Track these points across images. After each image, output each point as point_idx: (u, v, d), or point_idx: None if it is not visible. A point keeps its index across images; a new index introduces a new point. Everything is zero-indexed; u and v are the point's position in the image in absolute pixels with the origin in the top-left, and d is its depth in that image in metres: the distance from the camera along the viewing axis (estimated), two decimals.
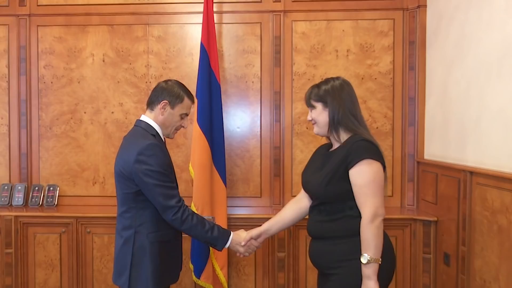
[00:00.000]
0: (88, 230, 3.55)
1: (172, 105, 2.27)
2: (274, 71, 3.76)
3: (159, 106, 2.27)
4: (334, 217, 2.04)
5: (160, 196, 2.12)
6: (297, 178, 3.77)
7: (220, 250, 2.28)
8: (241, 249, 2.37)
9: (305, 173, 2.28)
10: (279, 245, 3.46)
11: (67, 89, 3.87)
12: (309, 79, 3.75)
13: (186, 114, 2.34)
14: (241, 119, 3.82)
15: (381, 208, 1.96)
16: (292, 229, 3.43)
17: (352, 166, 1.96)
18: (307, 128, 3.76)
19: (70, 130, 3.87)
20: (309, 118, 2.20)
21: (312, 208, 2.18)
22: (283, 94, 3.77)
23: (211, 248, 3.36)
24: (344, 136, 2.10)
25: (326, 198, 2.07)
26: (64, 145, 3.88)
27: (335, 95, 2.09)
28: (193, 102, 2.36)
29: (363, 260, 1.93)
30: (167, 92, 2.28)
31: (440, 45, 3.38)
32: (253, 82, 3.80)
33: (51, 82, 3.88)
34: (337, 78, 2.17)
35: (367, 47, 3.73)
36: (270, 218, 3.43)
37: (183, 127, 2.36)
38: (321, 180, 2.06)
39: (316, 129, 2.19)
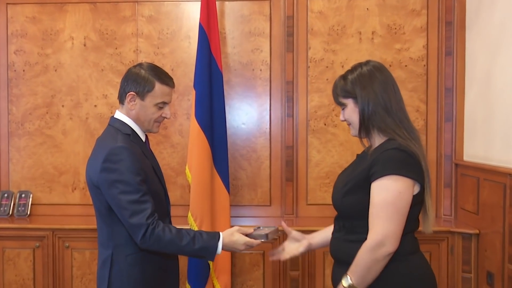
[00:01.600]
0: (67, 244, 3.58)
1: (142, 96, 2.19)
2: (285, 57, 3.80)
3: (127, 99, 2.20)
4: (353, 237, 1.97)
5: (126, 211, 2.05)
6: (313, 183, 3.81)
7: (212, 260, 2.20)
8: (253, 243, 2.20)
9: (339, 175, 2.21)
10: (292, 263, 3.48)
11: (42, 79, 3.91)
12: (327, 67, 3.79)
13: (165, 103, 2.23)
14: (247, 114, 3.86)
15: (392, 239, 1.85)
16: None
17: (374, 180, 1.89)
18: (324, 124, 3.80)
19: (45, 126, 3.92)
20: (341, 118, 2.09)
21: (334, 221, 2.15)
22: (296, 84, 3.80)
23: (211, 265, 3.40)
24: (378, 139, 2.00)
25: (343, 211, 2.04)
26: (38, 144, 3.93)
27: (363, 85, 1.97)
28: (170, 86, 2.24)
29: (344, 282, 1.90)
30: (132, 81, 2.19)
31: (483, 26, 3.41)
32: (261, 70, 3.84)
33: (23, 70, 3.92)
34: (367, 62, 2.05)
35: (395, 28, 3.76)
36: (281, 230, 3.52)
37: (166, 117, 2.27)
38: (341, 187, 2.04)
39: (352, 131, 2.09)
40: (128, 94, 2.19)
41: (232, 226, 3.46)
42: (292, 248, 2.33)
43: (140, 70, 2.21)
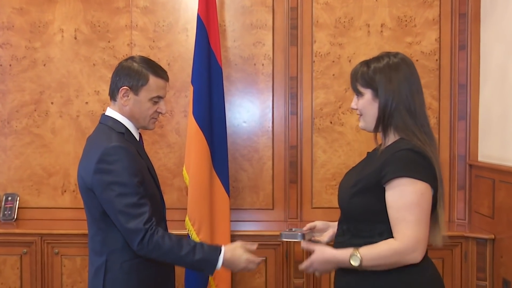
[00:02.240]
0: (56, 250, 3.57)
1: (135, 90, 2.18)
2: (289, 51, 3.80)
3: (120, 94, 2.20)
4: (358, 242, 1.96)
5: (122, 214, 2.04)
6: (319, 185, 3.82)
7: (211, 274, 2.18)
8: (255, 260, 2.22)
9: (346, 173, 2.20)
10: (295, 270, 3.48)
11: (30, 74, 3.90)
12: (333, 61, 3.79)
13: (160, 97, 2.23)
14: (248, 112, 3.87)
15: (423, 245, 1.85)
16: None
17: (386, 182, 1.88)
18: (331, 122, 3.80)
19: (33, 125, 3.91)
20: (353, 106, 2.06)
21: (338, 224, 2.15)
22: (300, 80, 3.81)
23: None
24: (392, 138, 1.99)
25: (349, 213, 2.04)
26: (26, 144, 3.91)
27: (389, 79, 1.94)
28: (164, 78, 2.25)
29: (354, 262, 1.88)
30: (125, 75, 2.19)
31: (499, 18, 3.40)
32: (263, 64, 3.84)
33: (10, 65, 3.91)
34: (396, 54, 2.00)
35: (406, 21, 3.77)
36: None
37: (161, 113, 2.27)
38: (348, 188, 2.03)
39: (362, 123, 2.06)
40: (121, 89, 2.19)
41: (232, 232, 3.50)
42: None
43: (133, 63, 2.21)
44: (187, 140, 3.47)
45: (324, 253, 2.00)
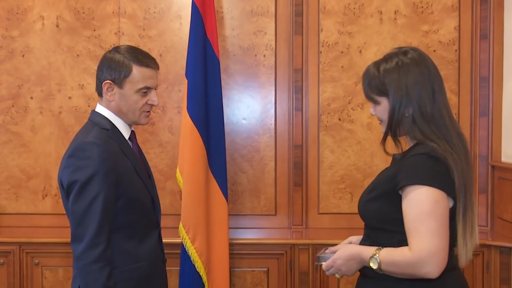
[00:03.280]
0: (36, 261, 3.55)
1: (119, 83, 2.20)
2: (294, 40, 3.78)
3: (104, 89, 2.22)
4: None
5: (74, 216, 2.07)
6: (326, 189, 3.80)
7: None
8: None
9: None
10: (301, 281, 3.47)
11: (7, 66, 3.86)
12: (342, 52, 3.77)
13: (148, 87, 2.23)
14: (248, 107, 3.85)
15: (438, 257, 1.81)
16: None
17: (400, 189, 1.89)
18: (339, 119, 3.78)
19: (11, 122, 3.87)
20: (372, 112, 2.09)
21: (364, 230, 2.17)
22: (306, 72, 3.79)
23: (206, 285, 3.38)
24: (409, 143, 2.02)
25: (365, 220, 2.08)
26: (2, 143, 3.87)
27: (398, 83, 1.95)
28: (151, 67, 2.25)
29: (373, 264, 1.91)
30: (107, 67, 2.22)
31: None
32: (265, 56, 3.82)
33: None
34: (406, 52, 2.00)
35: (422, 7, 3.73)
36: (288, 243, 3.52)
37: (153, 104, 2.27)
38: (367, 192, 2.07)
39: (383, 129, 2.08)
40: (104, 83, 2.21)
41: (231, 240, 3.48)
42: None
43: (115, 54, 2.23)
44: (180, 139, 3.45)
45: (348, 249, 2.04)
